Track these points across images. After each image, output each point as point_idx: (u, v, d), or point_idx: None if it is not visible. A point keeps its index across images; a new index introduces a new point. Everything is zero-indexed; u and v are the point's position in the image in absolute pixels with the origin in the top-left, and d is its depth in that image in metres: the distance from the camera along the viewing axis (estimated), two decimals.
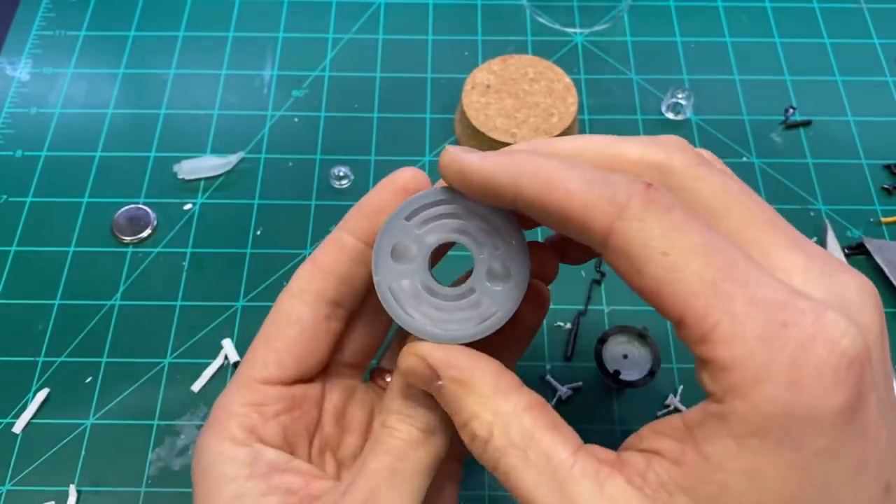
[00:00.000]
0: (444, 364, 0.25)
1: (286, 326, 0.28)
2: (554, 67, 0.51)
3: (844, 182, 0.50)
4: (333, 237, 0.29)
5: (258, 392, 0.28)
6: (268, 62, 0.56)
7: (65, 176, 0.50)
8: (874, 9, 0.59)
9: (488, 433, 0.24)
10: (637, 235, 0.21)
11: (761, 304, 0.20)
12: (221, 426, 0.27)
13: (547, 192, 0.22)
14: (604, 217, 0.22)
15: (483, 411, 0.24)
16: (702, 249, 0.21)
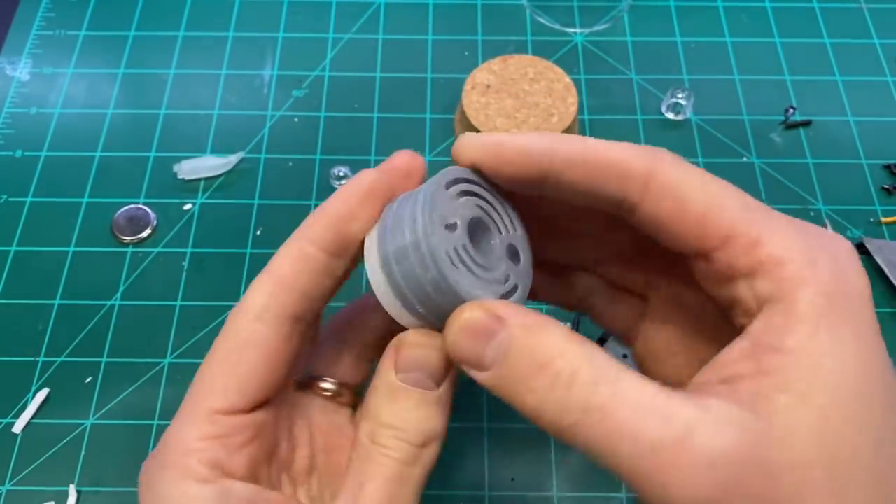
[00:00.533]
0: (512, 313, 0.24)
1: (247, 350, 0.26)
2: (554, 67, 0.51)
3: (844, 182, 0.50)
4: (293, 247, 0.26)
5: (219, 424, 0.25)
6: (268, 62, 0.56)
7: (65, 176, 0.50)
8: (874, 9, 0.59)
9: (575, 367, 0.22)
10: (678, 174, 0.24)
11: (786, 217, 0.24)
12: (180, 464, 0.24)
13: (586, 149, 0.24)
14: (644, 162, 0.24)
15: (566, 347, 0.23)
16: (730, 186, 0.24)
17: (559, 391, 0.22)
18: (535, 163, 0.25)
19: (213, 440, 0.25)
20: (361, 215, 0.27)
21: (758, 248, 0.23)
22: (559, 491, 0.40)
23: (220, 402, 0.25)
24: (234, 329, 0.26)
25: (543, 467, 0.40)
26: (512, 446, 0.41)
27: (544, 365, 0.23)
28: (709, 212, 0.23)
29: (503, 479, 0.40)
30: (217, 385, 0.25)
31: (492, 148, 0.25)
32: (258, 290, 0.26)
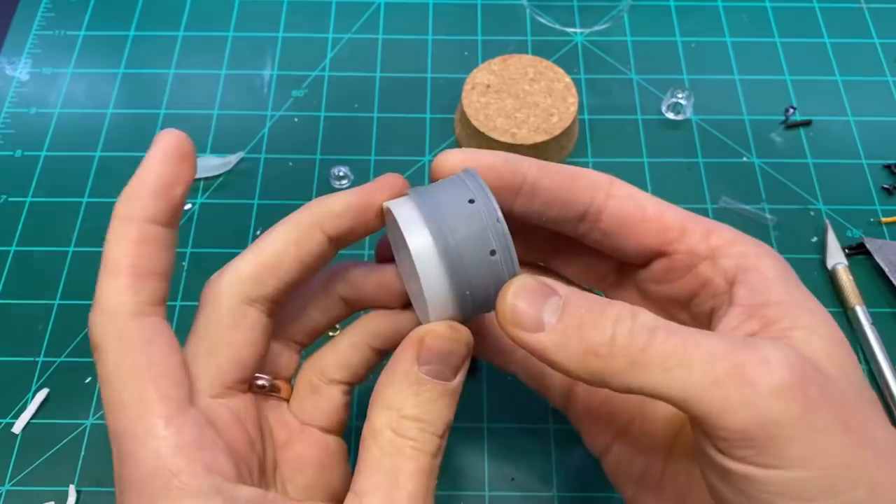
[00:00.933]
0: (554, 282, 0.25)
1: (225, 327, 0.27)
2: (554, 67, 0.51)
3: (844, 182, 0.50)
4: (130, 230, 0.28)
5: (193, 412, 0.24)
6: (268, 62, 0.56)
7: (65, 176, 0.50)
8: (874, 9, 0.59)
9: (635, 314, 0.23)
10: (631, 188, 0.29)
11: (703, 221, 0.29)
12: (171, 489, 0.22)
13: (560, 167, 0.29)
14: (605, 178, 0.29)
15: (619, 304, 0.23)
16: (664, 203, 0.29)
17: (623, 339, 0.22)
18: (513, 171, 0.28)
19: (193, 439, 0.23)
20: (183, 178, 0.27)
21: (712, 235, 0.28)
22: (559, 491, 0.40)
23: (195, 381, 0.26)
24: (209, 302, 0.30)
25: (543, 467, 0.40)
26: (512, 446, 0.41)
27: (604, 310, 0.23)
28: (664, 211, 0.28)
29: (503, 479, 0.40)
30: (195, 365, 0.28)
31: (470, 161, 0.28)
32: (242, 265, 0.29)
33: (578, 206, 0.28)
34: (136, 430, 0.24)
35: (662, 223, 0.28)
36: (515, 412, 0.42)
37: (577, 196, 0.28)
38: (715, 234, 0.27)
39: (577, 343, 0.23)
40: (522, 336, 0.24)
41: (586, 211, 0.28)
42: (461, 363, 0.26)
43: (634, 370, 0.22)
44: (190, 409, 0.24)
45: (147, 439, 0.23)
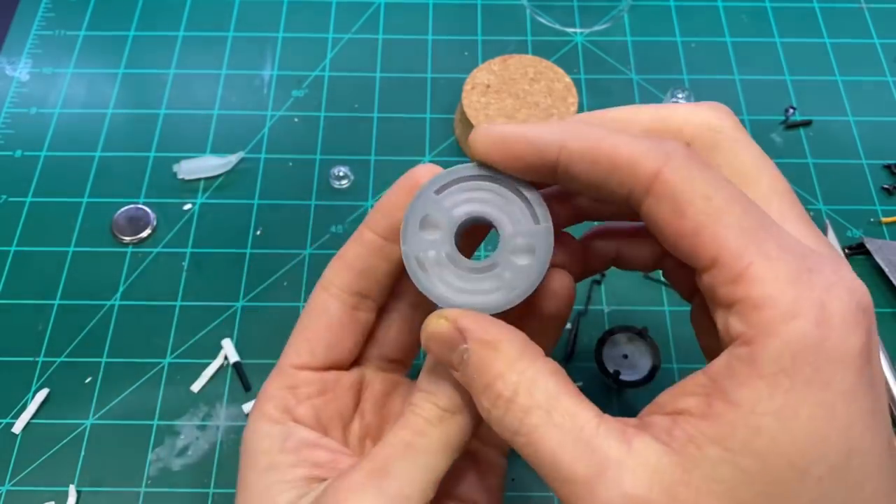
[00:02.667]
0: (473, 327, 0.25)
1: (316, 317, 0.30)
2: (554, 67, 0.51)
3: (844, 182, 0.50)
4: (357, 233, 0.30)
5: (291, 376, 0.30)
6: (268, 62, 0.56)
7: (64, 176, 0.50)
8: (874, 9, 0.59)
9: (513, 393, 0.24)
10: (683, 179, 0.23)
11: (790, 251, 0.22)
12: (260, 408, 0.29)
13: (595, 145, 0.24)
14: (651, 163, 0.23)
15: (509, 372, 0.24)
16: (739, 199, 0.23)
17: (498, 411, 0.24)
18: (542, 157, 0.25)
19: (285, 389, 0.29)
20: None
21: (740, 284, 0.21)
22: None
23: (293, 358, 0.30)
24: (309, 301, 0.31)
25: None
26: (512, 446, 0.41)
27: (489, 385, 0.24)
28: (702, 229, 0.22)
29: None
30: (292, 345, 0.30)
31: (499, 143, 0.25)
32: (328, 268, 0.31)
33: (616, 197, 0.25)
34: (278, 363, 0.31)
35: (694, 244, 0.22)
36: None
37: (613, 188, 0.24)
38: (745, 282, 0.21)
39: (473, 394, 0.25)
40: None
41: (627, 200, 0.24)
42: None
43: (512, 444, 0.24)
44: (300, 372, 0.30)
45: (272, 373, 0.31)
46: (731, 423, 0.21)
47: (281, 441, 0.28)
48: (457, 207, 0.27)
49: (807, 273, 0.21)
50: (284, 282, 0.46)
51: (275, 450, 0.28)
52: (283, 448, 0.28)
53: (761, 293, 0.21)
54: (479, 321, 0.25)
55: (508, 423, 0.24)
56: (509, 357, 0.24)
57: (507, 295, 0.26)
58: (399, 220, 0.27)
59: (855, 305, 0.21)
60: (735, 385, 0.21)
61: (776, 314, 0.21)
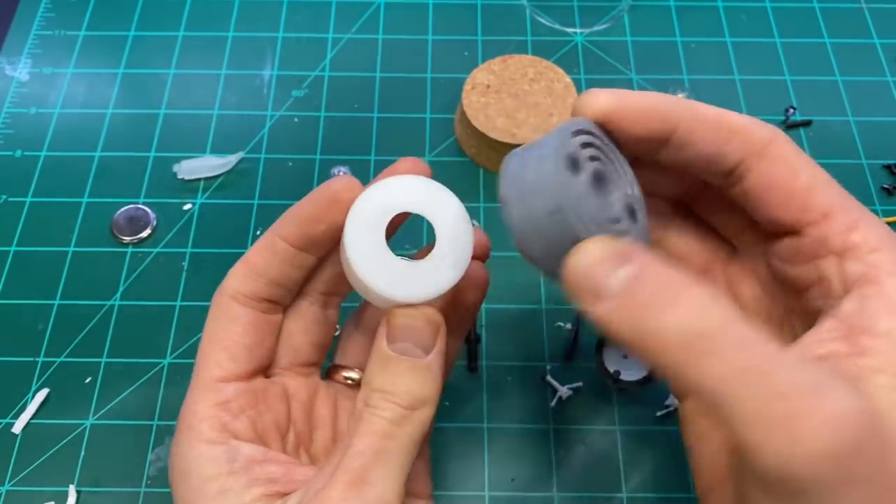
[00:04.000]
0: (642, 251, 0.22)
1: (228, 324, 0.29)
2: (554, 67, 0.51)
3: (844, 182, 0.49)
4: (266, 240, 0.30)
5: (219, 391, 0.29)
6: (268, 62, 0.56)
7: (64, 176, 0.50)
8: (874, 9, 0.59)
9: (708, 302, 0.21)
10: (792, 150, 0.26)
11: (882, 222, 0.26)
12: (193, 431, 0.28)
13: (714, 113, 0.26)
14: (765, 132, 0.26)
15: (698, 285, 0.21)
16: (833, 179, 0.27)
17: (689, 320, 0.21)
18: (663, 119, 0.26)
19: (217, 406, 0.28)
20: (326, 219, 0.29)
21: (854, 231, 0.25)
22: (559, 491, 0.40)
23: (216, 371, 0.29)
24: (217, 309, 0.30)
25: (543, 467, 0.40)
26: (512, 446, 0.41)
27: (679, 294, 0.21)
28: (815, 187, 0.26)
29: (503, 479, 0.40)
30: (210, 358, 0.29)
31: (620, 102, 0.26)
32: (233, 276, 0.30)
33: (728, 163, 0.26)
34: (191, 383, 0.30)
35: (807, 200, 0.26)
36: (515, 412, 0.42)
37: (729, 153, 0.26)
38: (859, 230, 0.25)
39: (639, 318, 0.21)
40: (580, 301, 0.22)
41: (735, 168, 0.26)
42: (429, 341, 0.28)
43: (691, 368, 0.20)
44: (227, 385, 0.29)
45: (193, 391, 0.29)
46: (886, 351, 0.22)
47: (227, 463, 0.27)
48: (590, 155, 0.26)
49: None
50: None
51: (223, 473, 0.27)
52: (232, 470, 0.27)
53: (875, 238, 0.24)
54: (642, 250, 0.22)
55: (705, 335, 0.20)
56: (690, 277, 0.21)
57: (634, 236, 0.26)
58: (317, 233, 0.29)
59: None
60: (875, 319, 0.23)
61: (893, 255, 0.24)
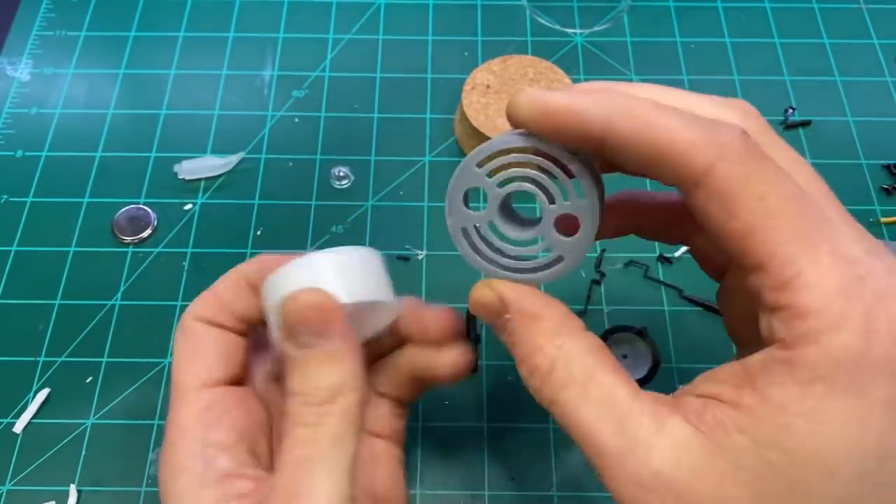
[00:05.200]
0: (517, 298, 0.26)
1: (200, 339, 0.31)
2: (554, 67, 0.51)
3: (844, 182, 0.50)
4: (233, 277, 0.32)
5: (201, 397, 0.29)
6: (268, 62, 0.56)
7: (65, 176, 0.50)
8: (874, 9, 0.59)
9: (550, 366, 0.25)
10: (737, 177, 0.21)
11: (843, 257, 0.21)
12: (173, 441, 0.28)
13: (645, 129, 0.22)
14: (705, 156, 0.22)
15: (548, 345, 0.25)
16: (795, 200, 0.22)
17: (536, 382, 0.25)
18: (589, 131, 0.23)
19: (201, 410, 0.29)
20: None
21: (786, 291, 0.21)
22: (559, 491, 0.40)
23: (193, 380, 0.30)
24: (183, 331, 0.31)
25: (543, 467, 0.40)
26: (512, 446, 0.41)
27: (528, 356, 0.25)
28: (753, 231, 0.21)
29: (503, 478, 0.40)
30: (187, 370, 0.30)
31: (542, 111, 0.24)
32: (198, 302, 0.31)
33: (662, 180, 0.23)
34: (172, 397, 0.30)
35: (743, 245, 0.22)
36: (515, 412, 0.42)
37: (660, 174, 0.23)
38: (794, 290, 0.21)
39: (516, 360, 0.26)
40: None
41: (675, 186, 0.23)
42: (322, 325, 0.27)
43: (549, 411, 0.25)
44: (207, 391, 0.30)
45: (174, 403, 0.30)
46: (760, 416, 0.21)
47: (201, 476, 0.27)
48: (499, 181, 0.27)
49: (857, 281, 0.20)
50: None
51: (195, 486, 0.27)
52: (205, 482, 0.27)
53: (808, 302, 0.20)
54: (521, 293, 0.26)
55: (546, 395, 0.25)
56: (548, 330, 0.25)
57: (551, 269, 0.27)
58: None
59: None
60: (769, 383, 0.21)
61: (821, 324, 0.20)
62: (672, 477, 0.21)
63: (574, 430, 0.24)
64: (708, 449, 0.21)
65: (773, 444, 0.20)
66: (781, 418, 0.20)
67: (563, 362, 0.24)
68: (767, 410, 0.21)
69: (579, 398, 0.24)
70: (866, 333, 0.20)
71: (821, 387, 0.20)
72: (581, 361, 0.24)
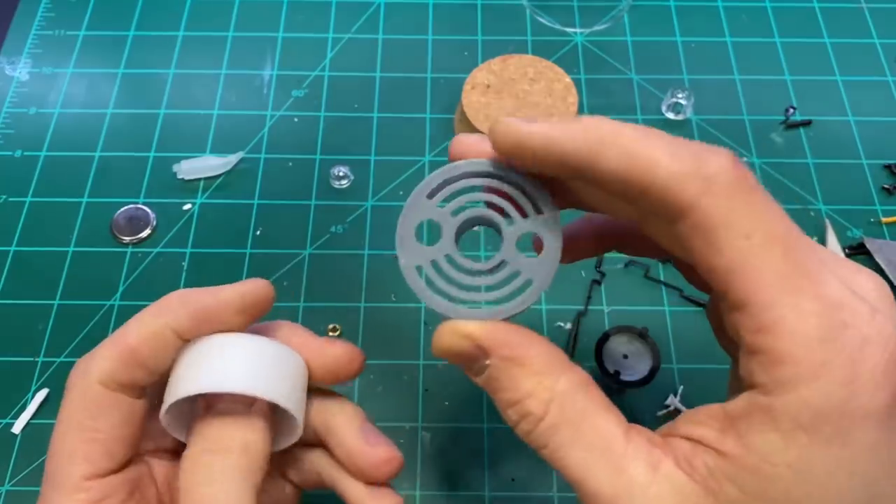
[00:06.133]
0: (496, 341, 0.24)
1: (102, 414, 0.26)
2: (554, 67, 0.51)
3: (844, 182, 0.50)
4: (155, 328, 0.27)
5: (90, 490, 0.25)
6: (268, 62, 0.56)
7: (64, 176, 0.50)
8: (874, 8, 0.59)
9: (544, 411, 0.23)
10: (723, 214, 0.21)
11: (826, 302, 0.20)
12: None
13: (629, 161, 0.21)
14: (690, 191, 0.21)
15: (539, 388, 0.23)
16: (782, 239, 0.21)
17: (528, 426, 0.24)
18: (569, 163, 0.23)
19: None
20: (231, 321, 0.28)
21: (767, 334, 0.20)
22: (559, 491, 0.40)
23: (86, 468, 0.25)
24: (81, 395, 0.26)
25: (543, 467, 0.40)
26: (512, 446, 0.41)
27: (517, 402, 0.24)
28: (736, 269, 0.21)
29: (503, 479, 0.40)
30: (79, 453, 0.25)
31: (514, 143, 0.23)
32: (105, 358, 0.26)
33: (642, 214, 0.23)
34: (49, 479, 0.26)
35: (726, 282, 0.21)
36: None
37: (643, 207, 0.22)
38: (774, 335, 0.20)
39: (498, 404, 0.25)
40: None
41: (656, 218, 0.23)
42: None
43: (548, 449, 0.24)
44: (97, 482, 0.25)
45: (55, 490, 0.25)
46: (746, 466, 0.20)
47: None
48: (453, 210, 0.25)
49: (840, 328, 0.20)
50: (284, 282, 0.46)
51: None
52: None
53: (788, 349, 0.20)
54: (498, 334, 0.24)
55: (536, 439, 0.23)
56: (536, 372, 0.24)
57: (522, 294, 0.25)
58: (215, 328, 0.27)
59: (886, 360, 0.20)
60: (750, 430, 0.21)
61: (800, 372, 0.20)
62: None
63: (567, 473, 0.23)
64: (702, 498, 0.21)
65: (761, 494, 0.20)
66: (767, 469, 0.20)
67: (557, 404, 0.23)
68: (753, 460, 0.20)
69: (573, 441, 0.23)
70: (849, 382, 0.19)
71: (803, 437, 0.20)
72: (572, 400, 0.23)
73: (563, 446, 0.23)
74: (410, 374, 0.43)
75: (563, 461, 0.23)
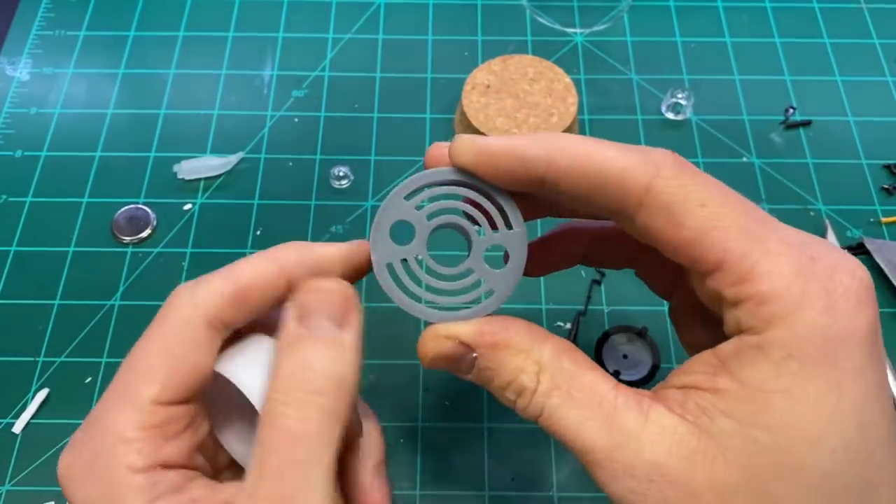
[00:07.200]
0: (476, 334, 0.26)
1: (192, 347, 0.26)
2: (554, 67, 0.51)
3: (844, 182, 0.50)
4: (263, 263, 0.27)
5: (155, 413, 0.25)
6: (268, 62, 0.56)
7: (65, 176, 0.50)
8: (874, 9, 0.59)
9: (536, 382, 0.25)
10: (676, 190, 0.23)
11: (791, 243, 0.22)
12: (115, 452, 0.24)
13: (584, 159, 0.24)
14: (642, 176, 0.23)
15: (527, 363, 0.25)
16: (733, 203, 0.23)
17: (523, 403, 0.25)
18: (530, 169, 0.25)
19: (152, 429, 0.24)
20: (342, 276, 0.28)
21: (746, 282, 0.22)
22: (559, 491, 0.40)
23: (157, 390, 0.25)
24: (179, 320, 0.26)
25: (543, 467, 0.40)
26: (512, 446, 0.41)
27: (508, 384, 0.25)
28: (702, 236, 0.23)
29: (503, 479, 0.40)
30: (157, 375, 0.25)
31: (485, 154, 0.25)
32: (217, 293, 0.26)
33: (604, 213, 0.25)
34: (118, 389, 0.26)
35: (695, 251, 0.23)
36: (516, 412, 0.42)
37: (603, 202, 0.24)
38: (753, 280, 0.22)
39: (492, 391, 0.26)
40: None
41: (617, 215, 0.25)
42: (340, 312, 0.25)
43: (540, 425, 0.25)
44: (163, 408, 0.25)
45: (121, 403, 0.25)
46: (739, 398, 0.22)
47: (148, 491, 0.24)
48: (428, 214, 0.26)
49: (809, 262, 0.22)
50: None
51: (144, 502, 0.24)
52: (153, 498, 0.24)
53: (768, 288, 0.22)
54: (477, 325, 0.26)
55: (532, 410, 0.25)
56: (521, 349, 0.25)
57: (484, 302, 0.27)
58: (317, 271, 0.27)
59: (857, 285, 0.22)
60: (741, 366, 0.22)
61: (784, 306, 0.21)
62: (666, 465, 0.22)
63: (564, 435, 0.24)
64: (696, 435, 0.22)
65: (755, 422, 0.21)
66: (760, 397, 0.21)
67: (546, 373, 0.25)
68: (746, 392, 0.22)
69: (565, 402, 0.24)
70: (827, 308, 0.21)
71: (794, 363, 0.21)
72: (560, 366, 0.25)
73: (556, 409, 0.24)
74: (410, 373, 0.43)
75: (559, 423, 0.24)
